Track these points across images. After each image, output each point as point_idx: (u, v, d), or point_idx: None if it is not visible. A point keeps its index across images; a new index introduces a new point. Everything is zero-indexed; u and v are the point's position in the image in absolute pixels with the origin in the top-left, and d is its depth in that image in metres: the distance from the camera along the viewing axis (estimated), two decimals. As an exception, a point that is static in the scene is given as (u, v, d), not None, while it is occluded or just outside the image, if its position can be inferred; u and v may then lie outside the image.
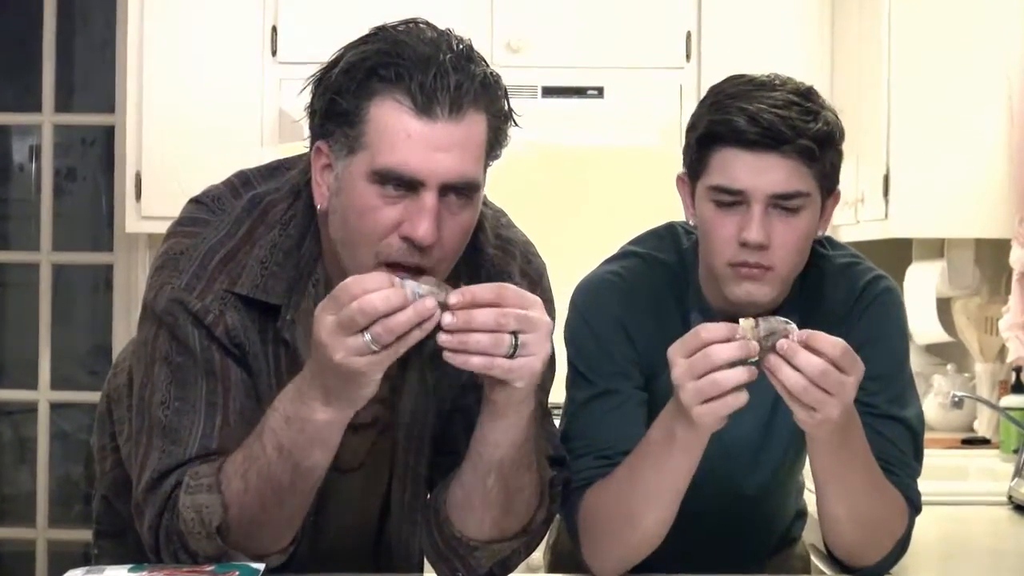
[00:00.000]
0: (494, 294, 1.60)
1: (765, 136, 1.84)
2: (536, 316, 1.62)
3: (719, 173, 1.88)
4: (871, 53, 3.77)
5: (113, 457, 2.14)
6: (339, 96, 1.69)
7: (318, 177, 1.75)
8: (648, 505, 1.85)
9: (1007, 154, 3.57)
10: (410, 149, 1.66)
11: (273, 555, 1.75)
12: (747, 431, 2.04)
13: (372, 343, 1.57)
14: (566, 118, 4.26)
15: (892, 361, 2.00)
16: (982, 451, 3.75)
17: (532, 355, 1.62)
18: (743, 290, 1.90)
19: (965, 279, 3.90)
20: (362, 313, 1.56)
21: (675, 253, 2.05)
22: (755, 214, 1.86)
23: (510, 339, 1.60)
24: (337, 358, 1.58)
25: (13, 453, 5.21)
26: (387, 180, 1.67)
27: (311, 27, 4.13)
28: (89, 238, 5.14)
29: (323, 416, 1.65)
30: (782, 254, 1.88)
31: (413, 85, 1.66)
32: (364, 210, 1.69)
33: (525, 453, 1.77)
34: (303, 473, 1.69)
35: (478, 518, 1.81)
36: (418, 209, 1.67)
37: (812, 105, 1.88)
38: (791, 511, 2.26)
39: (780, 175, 1.85)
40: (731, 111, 1.86)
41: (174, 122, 4.22)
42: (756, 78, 1.91)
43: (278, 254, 1.79)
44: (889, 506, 1.92)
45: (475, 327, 1.59)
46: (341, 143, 1.70)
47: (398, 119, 1.66)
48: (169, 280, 1.78)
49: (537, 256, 1.97)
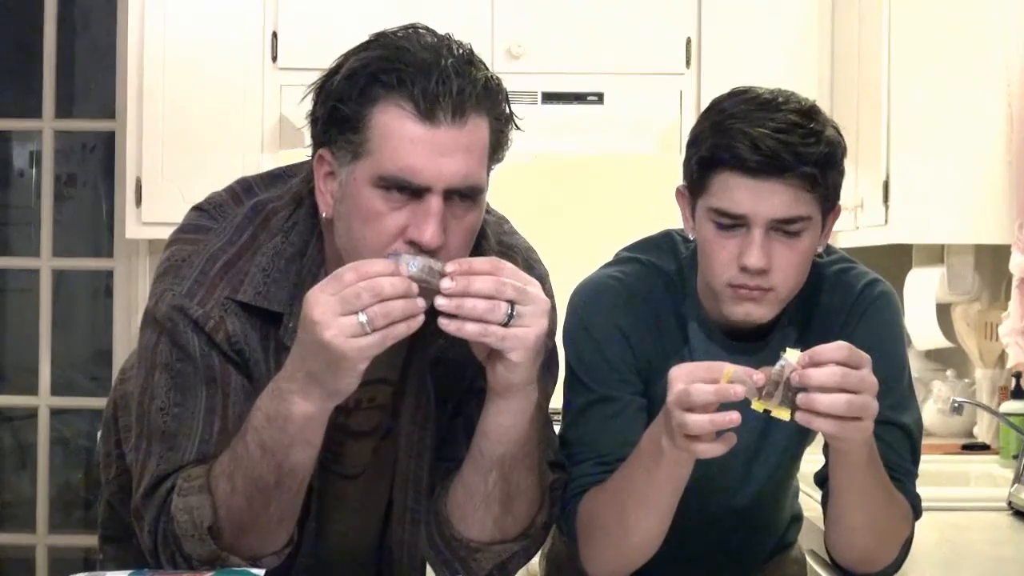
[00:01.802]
0: (491, 265, 1.63)
1: (765, 163, 1.82)
2: (533, 291, 1.64)
3: (720, 196, 1.87)
4: (871, 60, 3.77)
5: (118, 464, 2.15)
6: (341, 103, 1.69)
7: (321, 185, 1.75)
8: (641, 512, 1.85)
9: (1007, 160, 3.57)
10: (414, 155, 1.67)
11: (268, 556, 1.75)
12: (742, 442, 2.03)
13: (368, 323, 1.57)
14: (566, 124, 4.26)
15: (892, 367, 2.00)
16: (982, 457, 3.75)
17: (527, 327, 1.63)
18: (742, 310, 1.90)
19: (965, 285, 3.90)
20: (370, 291, 1.57)
21: (674, 262, 2.04)
22: (755, 239, 1.85)
23: (506, 307, 1.61)
24: (328, 335, 1.58)
25: (13, 459, 5.21)
26: (392, 186, 1.68)
27: (312, 33, 4.13)
28: (89, 244, 5.15)
29: (301, 409, 1.65)
30: (782, 276, 1.88)
31: (416, 90, 1.66)
32: (370, 216, 1.69)
33: (527, 452, 1.77)
34: (287, 472, 1.69)
35: (479, 518, 1.81)
36: (424, 213, 1.67)
37: (815, 125, 1.86)
38: (787, 516, 2.26)
39: (781, 200, 1.84)
40: (733, 135, 1.84)
41: (174, 128, 4.22)
42: (760, 95, 1.89)
43: (280, 261, 1.79)
44: (900, 512, 1.92)
45: (472, 292, 1.60)
46: (344, 150, 1.70)
47: (401, 125, 1.67)
48: (170, 287, 1.79)
49: (539, 263, 1.98)
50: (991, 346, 3.90)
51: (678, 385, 1.70)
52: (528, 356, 1.66)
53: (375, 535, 1.97)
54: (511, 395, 1.71)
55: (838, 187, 1.91)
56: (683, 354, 2.00)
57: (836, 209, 1.94)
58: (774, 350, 2.01)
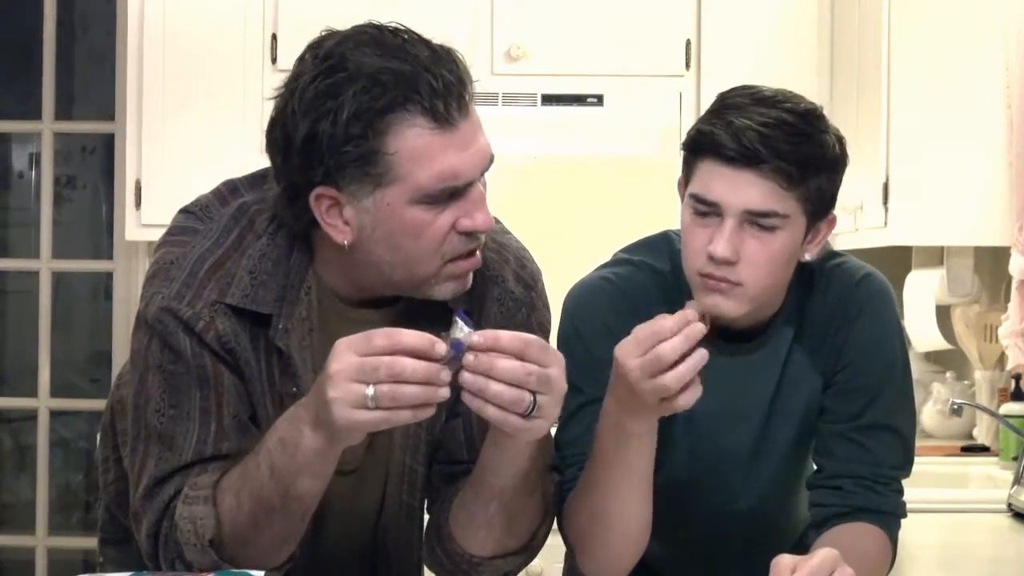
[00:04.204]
0: (519, 344, 1.60)
1: (742, 153, 1.82)
2: (555, 376, 1.61)
3: (699, 183, 1.87)
4: (870, 61, 3.77)
5: (116, 468, 2.15)
6: (349, 146, 1.67)
7: (326, 219, 1.73)
8: (616, 502, 1.84)
9: (1007, 161, 3.58)
10: (449, 163, 1.68)
11: (269, 571, 1.75)
12: (740, 442, 2.03)
13: (372, 400, 1.56)
14: (566, 126, 4.26)
15: (887, 368, 2.00)
16: (981, 459, 3.75)
17: (545, 418, 1.62)
18: (711, 301, 1.87)
19: (964, 287, 3.90)
20: (389, 369, 1.55)
21: (668, 262, 2.03)
22: (726, 228, 1.84)
23: (529, 399, 1.59)
24: (332, 395, 1.57)
25: (13, 461, 5.22)
26: (438, 198, 1.69)
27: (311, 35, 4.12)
28: (89, 246, 5.15)
29: (311, 443, 1.65)
30: (751, 271, 1.85)
31: (424, 104, 1.66)
32: (420, 229, 1.70)
33: (528, 480, 1.78)
34: (294, 498, 1.69)
35: (481, 538, 1.82)
36: (471, 204, 1.71)
37: (808, 128, 1.85)
38: (801, 521, 2.23)
39: (755, 192, 1.83)
40: (719, 124, 1.84)
41: (174, 130, 4.22)
42: (762, 92, 1.89)
43: (267, 263, 1.79)
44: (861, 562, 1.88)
45: (495, 375, 1.58)
46: (360, 182, 1.69)
47: (427, 143, 1.67)
48: (160, 289, 1.79)
49: (532, 262, 1.97)
50: (991, 348, 3.90)
51: (633, 360, 1.71)
52: (539, 436, 1.67)
53: (370, 531, 1.97)
54: (514, 447, 1.72)
55: (828, 194, 1.89)
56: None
57: (831, 219, 1.92)
58: (771, 350, 2.01)
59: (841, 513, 1.97)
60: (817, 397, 2.02)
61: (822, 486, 2.00)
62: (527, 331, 1.89)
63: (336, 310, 1.83)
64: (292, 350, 1.79)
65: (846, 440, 1.98)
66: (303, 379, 1.78)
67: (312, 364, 1.78)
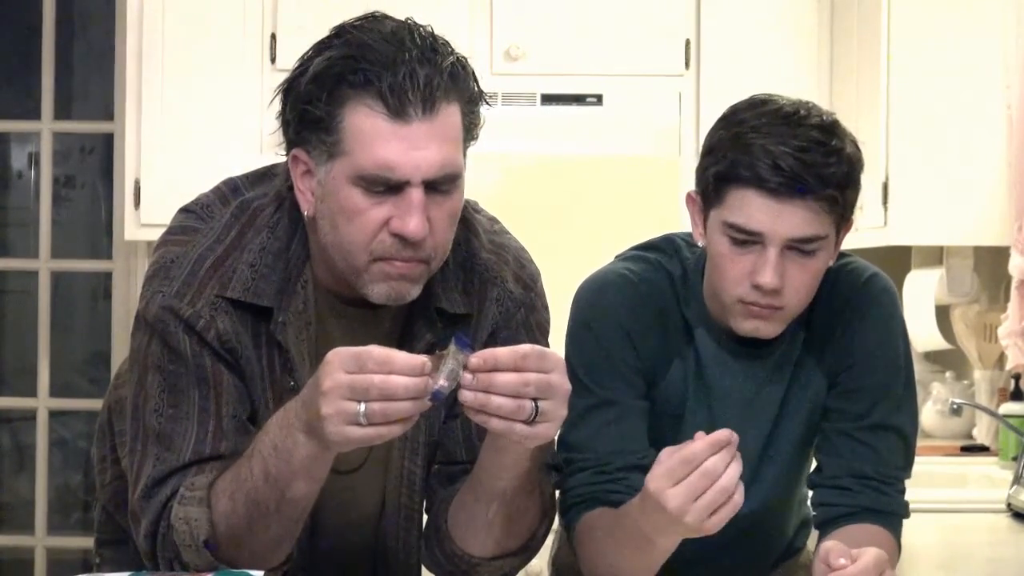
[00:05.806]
0: (515, 358, 1.58)
1: (784, 184, 1.80)
2: (557, 381, 1.60)
3: (736, 211, 1.84)
4: (870, 61, 3.77)
5: (113, 469, 2.14)
6: (310, 105, 1.69)
7: (300, 184, 1.75)
8: (630, 568, 1.85)
9: (1006, 161, 3.57)
10: (389, 152, 1.67)
11: (267, 571, 1.75)
12: (748, 447, 2.03)
13: (364, 417, 1.56)
14: (565, 125, 4.26)
15: (895, 368, 2.00)
16: (981, 458, 3.75)
17: (550, 422, 1.61)
18: (751, 326, 1.89)
19: (964, 286, 3.90)
20: (381, 389, 1.55)
21: (679, 266, 2.02)
22: (770, 258, 1.83)
23: (531, 406, 1.59)
24: (325, 411, 1.57)
25: (12, 461, 5.21)
26: (371, 183, 1.68)
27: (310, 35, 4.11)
28: (88, 246, 5.15)
29: (305, 451, 1.65)
30: (794, 295, 1.87)
31: (383, 88, 1.66)
32: (352, 213, 1.70)
33: (528, 481, 1.77)
34: (288, 501, 1.69)
35: (481, 539, 1.82)
36: (406, 206, 1.68)
37: (836, 143, 1.83)
38: (794, 521, 2.24)
39: (799, 220, 1.82)
40: (754, 151, 1.81)
41: (173, 129, 4.22)
42: (782, 108, 1.86)
43: (267, 257, 1.80)
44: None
45: (495, 390, 1.58)
46: (320, 149, 1.71)
47: (373, 124, 1.67)
48: (160, 288, 1.79)
49: (531, 262, 1.97)
50: (990, 348, 3.90)
51: (691, 505, 1.66)
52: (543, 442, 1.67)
53: (369, 532, 1.97)
54: (514, 450, 1.71)
55: (855, 202, 1.90)
56: (687, 357, 2.00)
57: (849, 223, 1.92)
58: (783, 355, 2.00)
59: (848, 513, 1.97)
60: (822, 397, 2.02)
61: (826, 485, 2.00)
62: (526, 331, 1.89)
63: (331, 306, 1.83)
64: (290, 344, 1.79)
65: (852, 440, 1.98)
66: (300, 373, 1.78)
67: (309, 359, 1.78)
